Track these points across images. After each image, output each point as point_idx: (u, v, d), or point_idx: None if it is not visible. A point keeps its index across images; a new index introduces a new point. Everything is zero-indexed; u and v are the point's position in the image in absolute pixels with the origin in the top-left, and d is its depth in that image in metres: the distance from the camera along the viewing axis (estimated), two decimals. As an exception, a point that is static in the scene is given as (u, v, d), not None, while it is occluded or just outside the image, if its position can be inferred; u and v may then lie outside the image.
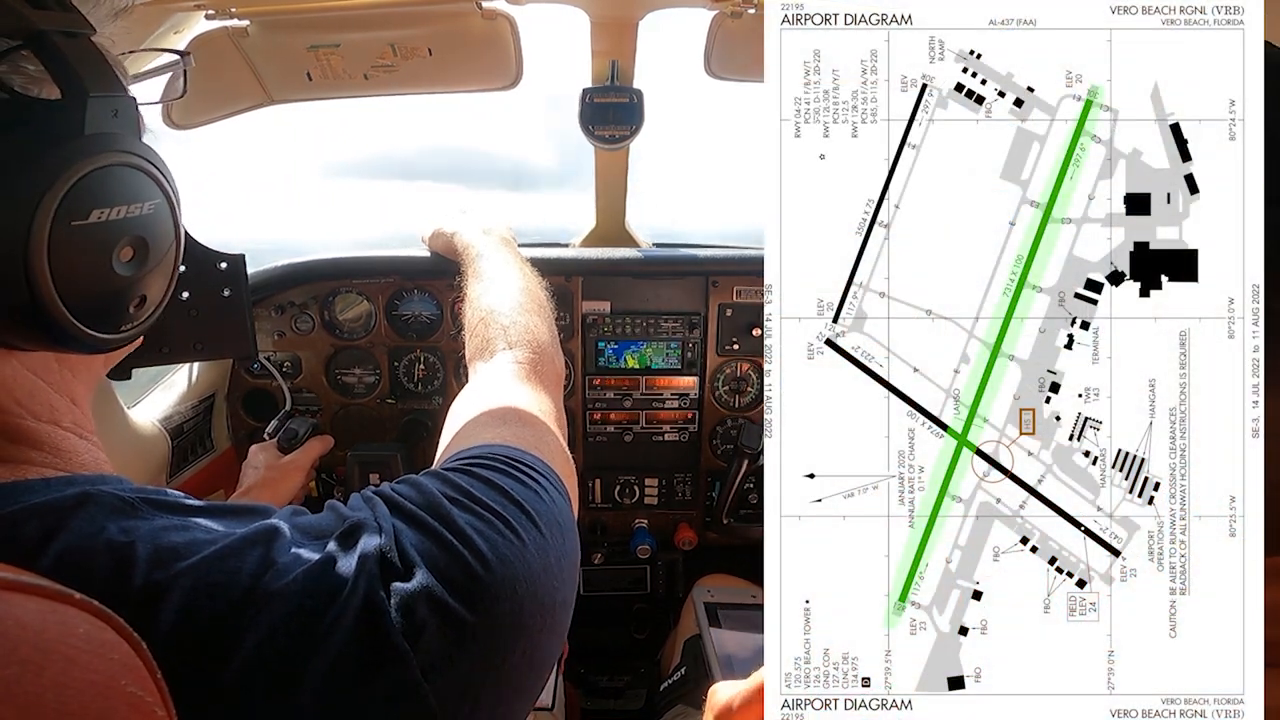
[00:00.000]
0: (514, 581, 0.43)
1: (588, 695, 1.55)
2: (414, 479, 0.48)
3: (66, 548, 0.36)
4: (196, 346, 0.63)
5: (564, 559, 0.49)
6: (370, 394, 1.41)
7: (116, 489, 0.40)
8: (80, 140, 0.40)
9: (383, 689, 0.38)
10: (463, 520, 0.44)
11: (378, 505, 0.45)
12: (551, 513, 0.50)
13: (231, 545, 0.39)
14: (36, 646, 0.25)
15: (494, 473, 0.49)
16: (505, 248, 0.99)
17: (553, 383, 0.78)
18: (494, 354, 0.78)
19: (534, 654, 0.45)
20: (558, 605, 0.47)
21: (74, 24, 0.42)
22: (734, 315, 1.39)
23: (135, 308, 0.45)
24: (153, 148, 0.45)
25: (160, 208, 0.45)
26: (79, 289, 0.40)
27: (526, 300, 0.86)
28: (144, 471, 1.14)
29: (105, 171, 0.41)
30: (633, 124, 1.23)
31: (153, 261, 0.45)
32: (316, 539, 0.41)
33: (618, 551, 1.54)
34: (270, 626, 0.37)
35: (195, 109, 1.08)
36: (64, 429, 0.44)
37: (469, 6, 1.02)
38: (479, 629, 0.41)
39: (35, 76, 0.41)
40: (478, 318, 0.83)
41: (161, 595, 0.36)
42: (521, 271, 0.93)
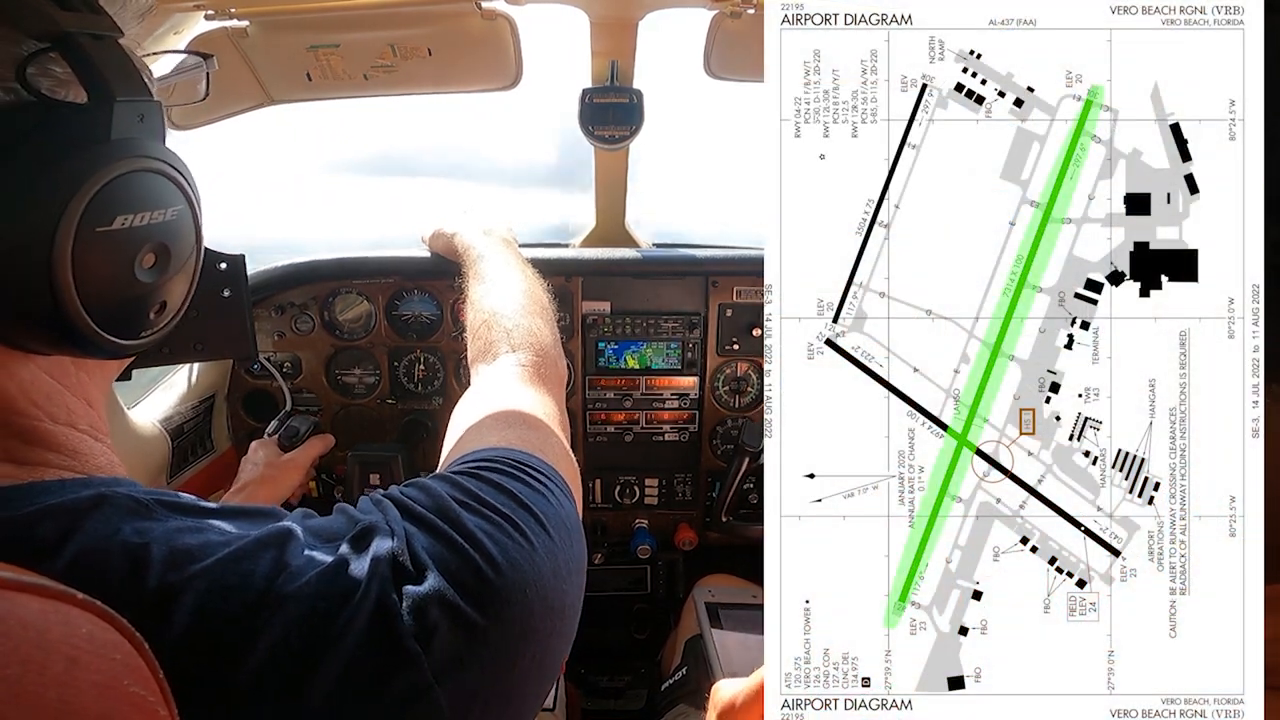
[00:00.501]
0: (524, 585, 0.43)
1: (588, 695, 1.55)
2: (422, 482, 0.48)
3: (82, 549, 0.36)
4: (196, 347, 0.63)
5: (572, 562, 0.49)
6: (370, 394, 1.41)
7: (131, 490, 0.40)
8: (106, 145, 0.40)
9: (395, 692, 0.38)
10: (472, 524, 0.44)
11: (388, 508, 0.45)
12: (559, 516, 0.50)
13: (245, 548, 0.39)
14: (39, 646, 0.25)
15: (502, 476, 0.49)
16: (506, 249, 0.99)
17: (555, 385, 0.78)
18: (497, 356, 0.78)
19: (543, 658, 0.45)
20: (566, 609, 0.47)
21: (102, 26, 0.41)
22: (734, 315, 1.39)
23: (156, 314, 0.45)
24: (176, 153, 0.45)
25: (183, 214, 0.45)
26: (102, 295, 0.40)
27: (529, 303, 0.86)
28: (144, 472, 1.14)
29: (130, 177, 0.41)
30: (632, 124, 1.23)
31: (174, 268, 0.45)
32: (328, 542, 0.41)
33: (618, 552, 1.54)
34: (284, 628, 0.37)
35: (196, 110, 1.08)
36: (80, 431, 0.44)
37: (469, 6, 1.02)
38: (490, 632, 0.41)
39: (63, 79, 0.40)
40: (480, 320, 0.84)
41: (176, 597, 0.36)
42: (523, 273, 0.93)
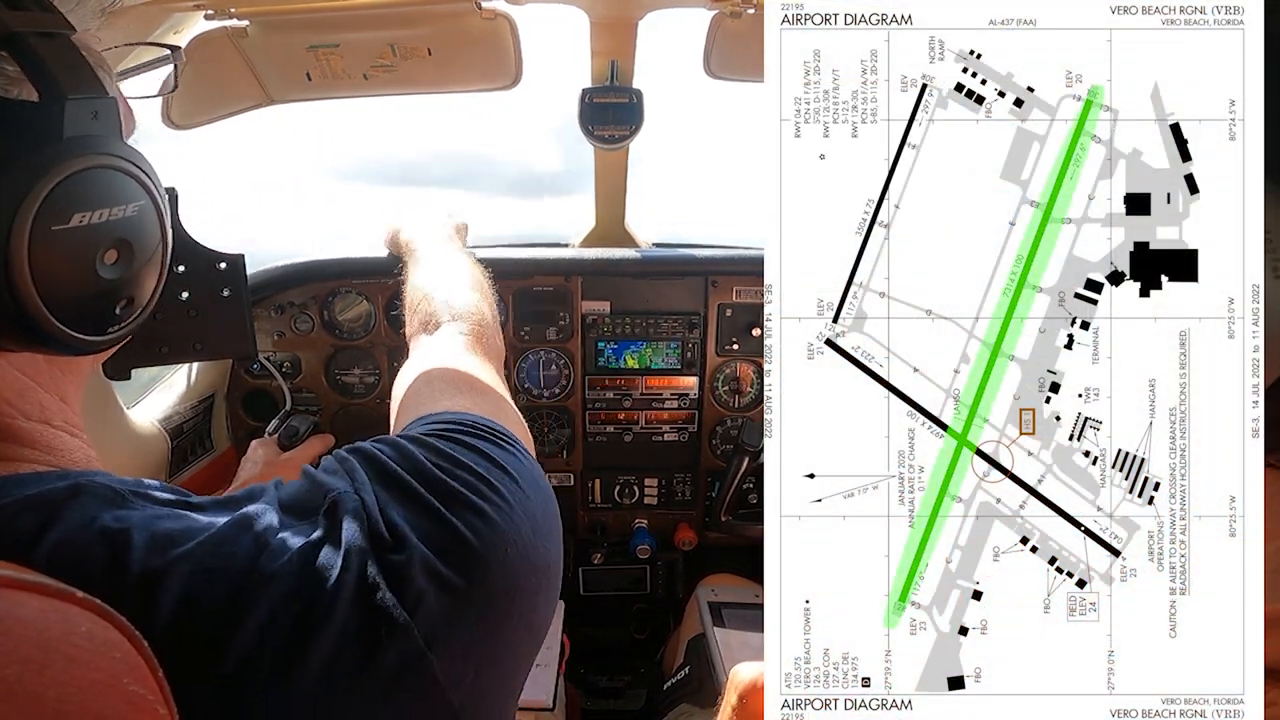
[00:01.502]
0: (504, 545, 0.43)
1: (588, 695, 1.55)
2: (393, 440, 0.48)
3: (61, 538, 0.36)
4: (196, 346, 0.63)
5: (550, 519, 0.49)
6: (370, 394, 1.41)
7: (108, 480, 0.40)
8: (59, 143, 0.40)
9: (388, 661, 0.38)
10: (447, 486, 0.44)
11: (355, 470, 0.44)
12: (532, 475, 0.50)
13: (225, 530, 0.39)
14: (38, 645, 0.25)
15: (472, 437, 0.49)
16: (449, 238, 1.00)
17: (495, 358, 0.78)
18: (439, 325, 0.78)
19: (530, 616, 0.45)
20: (550, 566, 0.47)
21: (52, 24, 0.41)
22: (734, 315, 1.39)
23: (122, 309, 0.45)
24: (136, 149, 0.45)
25: (145, 209, 0.45)
26: (62, 293, 0.40)
27: (468, 279, 0.87)
28: (143, 471, 1.14)
29: (85, 174, 0.41)
30: (632, 124, 1.23)
31: (139, 263, 0.45)
32: (303, 518, 0.41)
33: (618, 551, 1.54)
34: (270, 609, 0.37)
35: (194, 109, 1.08)
36: (55, 427, 0.44)
37: (468, 6, 1.02)
38: (474, 594, 0.41)
39: (14, 78, 0.41)
40: (419, 295, 0.84)
41: (160, 582, 0.36)
42: (462, 255, 0.94)
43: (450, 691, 0.40)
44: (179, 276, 0.58)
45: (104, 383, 1.02)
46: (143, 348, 0.57)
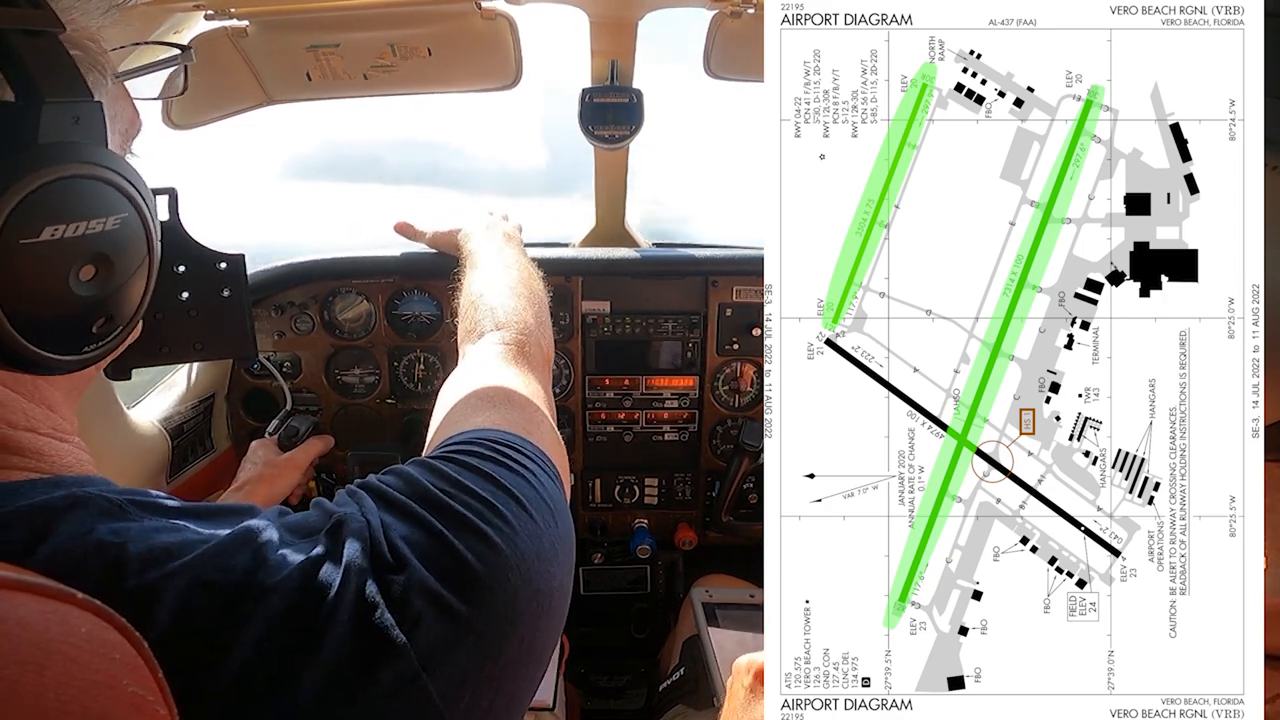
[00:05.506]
0: (506, 570, 0.43)
1: (588, 695, 1.55)
2: (400, 469, 0.48)
3: (56, 550, 0.36)
4: (196, 347, 0.63)
5: (557, 543, 0.49)
6: (370, 394, 1.41)
7: (104, 490, 0.40)
8: (32, 150, 0.37)
9: (383, 683, 0.38)
10: (451, 510, 0.44)
11: (363, 498, 0.45)
12: (540, 497, 0.49)
13: (223, 544, 0.39)
14: (38, 646, 0.25)
15: (481, 460, 0.49)
16: (506, 241, 0.99)
17: (540, 365, 0.78)
18: (481, 335, 0.78)
19: (532, 640, 0.45)
20: (554, 591, 0.47)
21: (38, 21, 0.38)
22: (734, 315, 1.39)
23: (100, 327, 0.42)
24: (121, 157, 0.42)
25: (128, 222, 0.42)
26: (30, 310, 0.38)
27: (517, 285, 0.87)
28: (143, 472, 1.14)
29: (61, 184, 0.38)
30: (632, 124, 1.23)
31: (119, 279, 0.42)
32: (305, 537, 0.41)
33: (618, 551, 1.54)
34: (268, 624, 0.36)
35: (194, 109, 1.08)
36: (42, 435, 0.43)
37: (468, 6, 1.02)
38: (474, 619, 0.41)
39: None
40: (468, 302, 0.85)
41: (156, 595, 0.36)
42: (519, 262, 0.94)
43: (447, 713, 0.40)
44: (179, 276, 0.58)
45: (104, 383, 1.02)
46: (143, 348, 0.57)
